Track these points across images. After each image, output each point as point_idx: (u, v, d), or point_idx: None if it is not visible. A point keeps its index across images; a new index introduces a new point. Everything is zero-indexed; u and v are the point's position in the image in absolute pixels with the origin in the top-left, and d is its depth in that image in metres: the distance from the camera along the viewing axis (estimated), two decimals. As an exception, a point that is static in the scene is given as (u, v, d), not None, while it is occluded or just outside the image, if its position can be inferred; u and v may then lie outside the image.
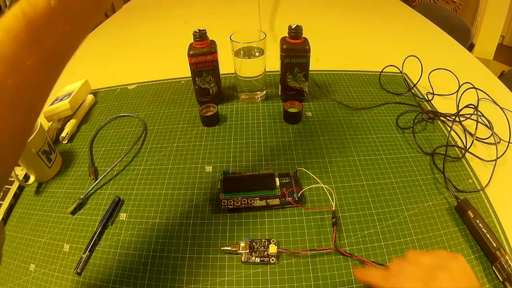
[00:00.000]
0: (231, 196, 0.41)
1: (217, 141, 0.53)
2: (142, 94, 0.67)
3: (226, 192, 0.41)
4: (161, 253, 0.38)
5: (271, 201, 0.41)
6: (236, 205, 0.41)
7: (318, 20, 1.02)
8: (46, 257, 0.39)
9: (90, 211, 0.44)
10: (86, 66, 0.85)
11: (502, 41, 2.49)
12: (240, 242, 0.37)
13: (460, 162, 0.49)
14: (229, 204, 0.41)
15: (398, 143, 0.52)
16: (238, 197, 0.41)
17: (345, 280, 0.35)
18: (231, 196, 0.41)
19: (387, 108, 0.60)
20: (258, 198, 0.41)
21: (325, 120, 0.56)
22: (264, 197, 0.41)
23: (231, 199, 0.41)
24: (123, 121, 0.59)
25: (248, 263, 0.36)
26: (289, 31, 0.52)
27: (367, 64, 0.72)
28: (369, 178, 0.46)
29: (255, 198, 0.41)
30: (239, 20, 1.07)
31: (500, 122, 0.55)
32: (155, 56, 0.86)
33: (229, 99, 0.63)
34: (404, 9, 1.15)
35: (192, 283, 0.35)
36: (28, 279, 0.37)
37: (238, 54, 0.55)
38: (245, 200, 0.41)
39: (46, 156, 0.48)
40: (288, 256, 0.37)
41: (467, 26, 1.08)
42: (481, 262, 0.36)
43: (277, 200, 0.41)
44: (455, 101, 0.59)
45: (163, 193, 0.45)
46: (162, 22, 1.10)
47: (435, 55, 0.80)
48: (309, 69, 0.56)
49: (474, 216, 0.39)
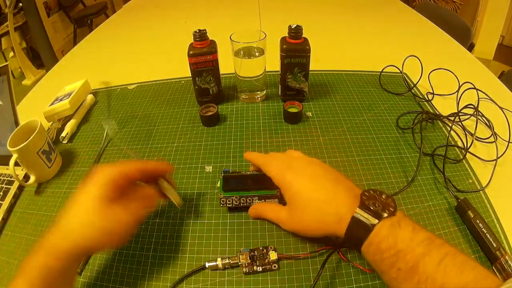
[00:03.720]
0: (230, 195, 0.41)
1: (217, 141, 0.53)
2: (142, 94, 0.67)
3: (225, 191, 0.41)
4: (161, 253, 0.38)
5: (270, 201, 0.41)
6: (235, 204, 0.41)
7: (318, 20, 1.02)
8: (46, 257, 0.39)
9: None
10: (86, 66, 0.85)
11: (502, 41, 2.49)
12: (238, 254, 0.37)
13: (460, 162, 0.49)
14: (228, 203, 0.41)
15: (398, 143, 0.52)
16: (237, 196, 0.41)
17: (345, 280, 0.35)
18: (230, 195, 0.41)
19: (387, 108, 0.60)
20: (257, 198, 0.41)
21: (325, 120, 0.56)
22: (263, 197, 0.41)
23: (230, 198, 0.41)
24: (124, 121, 0.59)
25: (250, 274, 0.36)
26: (289, 31, 0.52)
27: (367, 64, 0.72)
28: (369, 178, 0.46)
29: (254, 198, 0.41)
30: (239, 20, 1.07)
31: (500, 122, 0.55)
32: (155, 56, 0.86)
33: (229, 99, 0.63)
34: (404, 9, 1.15)
35: (192, 283, 0.35)
36: (28, 279, 0.37)
37: (238, 54, 0.55)
38: (244, 200, 0.41)
39: (46, 156, 0.48)
40: (288, 258, 0.37)
41: (467, 26, 1.09)
42: (481, 262, 0.36)
43: (276, 200, 0.41)
44: (455, 101, 0.59)
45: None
46: (162, 22, 1.10)
47: (435, 55, 0.80)
48: (309, 69, 0.56)
49: (474, 216, 0.39)
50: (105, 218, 0.30)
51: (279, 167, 0.37)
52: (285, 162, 0.37)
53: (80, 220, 0.30)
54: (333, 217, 0.31)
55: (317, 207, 0.32)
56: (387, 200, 0.30)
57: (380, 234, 0.28)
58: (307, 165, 0.36)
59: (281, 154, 0.41)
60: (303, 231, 0.35)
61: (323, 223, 0.32)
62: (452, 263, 0.25)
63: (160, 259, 0.38)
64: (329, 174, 0.35)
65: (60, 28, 2.71)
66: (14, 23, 2.27)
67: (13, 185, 0.48)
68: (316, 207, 0.32)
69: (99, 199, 0.30)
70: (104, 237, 0.30)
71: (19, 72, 2.45)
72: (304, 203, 0.33)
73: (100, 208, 0.30)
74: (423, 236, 0.27)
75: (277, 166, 0.37)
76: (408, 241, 0.27)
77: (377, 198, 0.30)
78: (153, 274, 0.36)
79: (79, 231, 0.30)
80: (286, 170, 0.36)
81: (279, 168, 0.37)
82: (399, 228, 0.28)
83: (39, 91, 0.76)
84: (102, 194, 0.30)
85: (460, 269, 0.25)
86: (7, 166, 0.46)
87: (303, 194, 0.33)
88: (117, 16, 1.24)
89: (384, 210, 0.29)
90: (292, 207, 0.35)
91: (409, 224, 0.28)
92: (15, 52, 2.30)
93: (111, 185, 0.31)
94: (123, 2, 1.43)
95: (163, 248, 0.39)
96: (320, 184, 0.33)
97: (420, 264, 0.26)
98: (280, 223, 0.37)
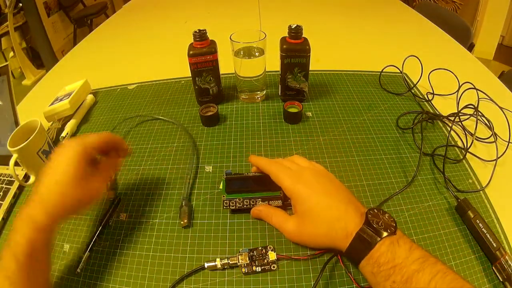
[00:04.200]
0: (234, 197, 0.41)
1: (217, 141, 0.53)
2: (142, 94, 0.67)
3: (228, 193, 0.41)
4: (161, 253, 0.38)
5: (273, 202, 0.40)
6: (238, 206, 0.40)
7: (318, 20, 1.02)
8: (46, 257, 0.39)
9: (90, 211, 0.44)
10: (86, 66, 0.85)
11: (502, 41, 2.49)
12: (237, 254, 0.37)
13: (460, 162, 0.49)
14: (231, 205, 0.40)
15: (398, 143, 0.52)
16: (240, 198, 0.41)
17: (345, 281, 0.35)
18: (233, 197, 0.41)
19: (387, 108, 0.59)
20: (260, 199, 0.41)
21: (325, 120, 0.56)
22: (266, 198, 0.41)
23: (233, 200, 0.41)
24: (124, 121, 0.59)
25: (249, 274, 0.36)
26: (289, 31, 0.52)
27: (367, 64, 0.72)
28: (369, 178, 0.46)
29: (258, 200, 0.41)
30: (239, 20, 1.07)
31: (500, 122, 0.55)
32: (155, 56, 0.86)
33: (229, 99, 0.63)
34: (404, 9, 1.15)
35: (191, 283, 0.35)
36: (28, 279, 0.37)
37: (238, 54, 0.55)
38: (248, 201, 0.41)
39: (46, 156, 0.48)
40: (287, 259, 0.37)
41: (467, 26, 1.09)
42: (481, 262, 0.36)
43: (279, 202, 0.40)
44: (455, 101, 0.59)
45: (163, 193, 0.45)
46: (162, 22, 1.10)
47: (435, 55, 0.80)
48: (309, 69, 0.56)
49: (474, 216, 0.39)
50: (83, 189, 0.34)
51: (291, 179, 0.37)
52: (297, 173, 0.38)
53: (60, 193, 0.33)
54: (341, 233, 0.33)
55: (330, 223, 0.34)
56: (389, 220, 0.33)
57: (380, 249, 0.30)
58: (319, 178, 0.38)
59: (288, 161, 0.41)
60: (310, 243, 0.37)
61: (332, 238, 0.33)
62: (441, 281, 0.28)
63: (160, 259, 0.38)
64: (340, 191, 0.37)
65: (60, 28, 2.71)
66: (14, 23, 2.27)
67: (13, 185, 0.48)
68: (329, 223, 0.34)
69: (76, 172, 0.34)
70: (82, 205, 0.35)
71: (19, 72, 2.45)
72: (318, 218, 0.34)
73: (78, 181, 0.34)
74: (419, 254, 0.30)
75: (289, 177, 0.38)
76: (404, 258, 0.29)
77: (380, 217, 0.33)
78: (152, 274, 0.36)
79: (60, 204, 0.33)
80: (298, 183, 0.37)
81: (292, 179, 0.37)
82: (397, 246, 0.30)
83: (39, 91, 0.76)
84: (78, 167, 0.34)
85: (449, 287, 0.27)
86: (7, 166, 0.46)
87: (317, 211, 0.35)
88: (117, 16, 1.24)
89: (386, 229, 0.31)
90: (304, 221, 0.36)
91: (407, 242, 0.31)
92: (15, 52, 2.30)
93: (84, 158, 0.35)
94: (123, 2, 1.43)
95: (162, 248, 0.39)
96: (333, 201, 0.35)
97: (414, 279, 0.28)
98: (285, 233, 0.37)
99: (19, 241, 0.30)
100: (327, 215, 0.34)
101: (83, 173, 0.34)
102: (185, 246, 0.39)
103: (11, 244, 0.30)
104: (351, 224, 0.33)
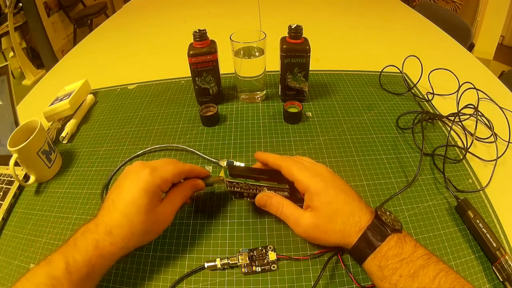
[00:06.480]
0: (238, 181, 0.37)
1: (217, 141, 0.53)
2: (142, 94, 0.67)
3: (232, 175, 0.38)
4: (161, 253, 0.38)
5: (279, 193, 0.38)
6: (244, 189, 0.37)
7: (318, 20, 1.02)
8: (46, 257, 0.39)
9: (90, 211, 0.44)
10: (86, 66, 0.85)
11: (502, 41, 2.49)
12: (237, 254, 0.36)
13: (460, 162, 0.49)
14: (236, 187, 0.37)
15: (398, 143, 0.52)
16: (245, 182, 0.37)
17: (345, 281, 0.35)
18: (238, 181, 0.37)
19: (387, 108, 0.59)
20: (266, 187, 0.38)
21: (325, 120, 0.56)
22: (272, 188, 0.38)
23: (237, 183, 0.37)
24: (124, 121, 0.59)
25: (249, 274, 0.36)
26: (289, 31, 0.52)
27: (367, 64, 0.72)
28: (369, 178, 0.46)
29: (263, 188, 0.38)
30: (239, 20, 1.07)
31: (500, 122, 0.55)
32: (155, 56, 0.86)
33: (229, 99, 0.63)
34: (404, 9, 1.15)
35: (191, 283, 0.35)
36: (28, 279, 0.37)
37: (238, 54, 0.55)
38: (254, 187, 0.37)
39: (46, 156, 0.48)
40: (287, 259, 0.37)
41: (467, 26, 1.08)
42: (481, 262, 0.37)
43: (286, 193, 0.38)
44: (455, 101, 0.59)
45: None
46: (162, 22, 1.10)
47: (435, 55, 0.80)
48: (309, 69, 0.56)
49: (474, 216, 0.39)
50: (151, 221, 0.34)
51: (308, 172, 0.36)
52: (310, 168, 0.37)
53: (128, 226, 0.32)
54: (354, 228, 0.33)
55: (346, 218, 0.34)
56: (395, 219, 0.34)
57: (389, 244, 0.31)
58: (332, 175, 0.37)
59: (297, 158, 0.40)
60: (321, 240, 0.35)
61: (344, 234, 0.33)
62: (445, 279, 0.28)
63: (160, 259, 0.38)
64: (350, 189, 0.37)
65: (60, 28, 2.71)
66: (14, 23, 2.27)
67: (13, 185, 0.48)
68: (345, 218, 0.34)
69: (146, 206, 0.33)
70: (150, 236, 0.35)
71: (19, 72, 2.45)
72: (336, 213, 0.34)
73: (147, 213, 0.33)
74: (423, 252, 0.31)
75: (304, 170, 0.36)
76: (410, 254, 0.30)
77: (388, 214, 0.34)
78: (152, 274, 0.36)
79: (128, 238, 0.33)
80: (316, 176, 0.35)
81: (308, 172, 0.36)
82: (404, 242, 0.31)
83: (39, 91, 0.76)
84: (147, 202, 0.33)
85: (452, 285, 0.28)
86: (7, 166, 0.46)
87: (335, 205, 0.34)
88: (117, 16, 1.24)
89: (394, 226, 0.32)
90: (321, 215, 0.34)
91: (412, 240, 0.32)
92: (15, 52, 2.30)
93: (153, 191, 0.34)
94: (123, 2, 1.43)
95: (162, 248, 0.39)
96: (348, 197, 0.35)
97: (420, 273, 0.29)
98: (300, 227, 0.35)
99: (79, 260, 0.30)
100: (345, 210, 0.34)
101: (153, 206, 0.34)
102: (185, 246, 0.39)
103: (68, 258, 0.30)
104: (364, 219, 0.33)
